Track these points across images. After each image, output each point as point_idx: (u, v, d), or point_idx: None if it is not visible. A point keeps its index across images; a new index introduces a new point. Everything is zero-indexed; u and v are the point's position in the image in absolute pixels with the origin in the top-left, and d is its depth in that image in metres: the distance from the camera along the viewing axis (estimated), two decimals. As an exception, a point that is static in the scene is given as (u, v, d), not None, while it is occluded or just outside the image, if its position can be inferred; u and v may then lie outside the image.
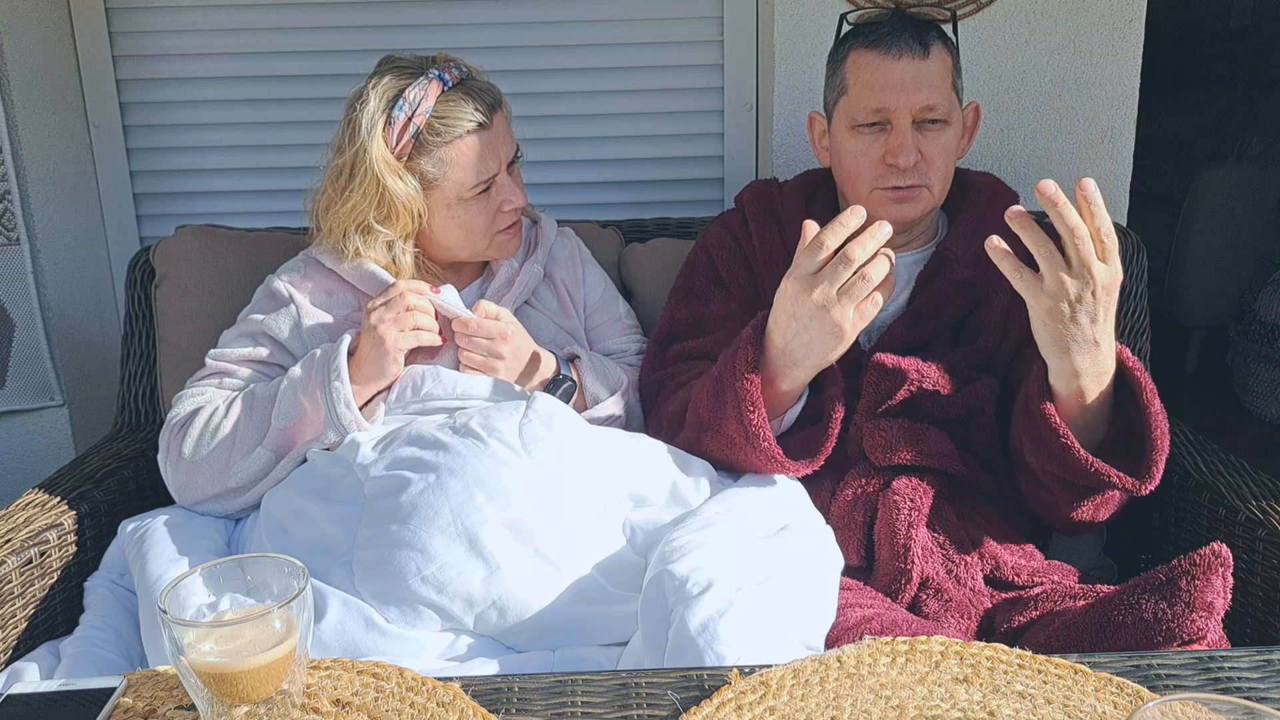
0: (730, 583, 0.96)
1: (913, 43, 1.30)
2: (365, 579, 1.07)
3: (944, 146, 1.34)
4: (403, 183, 1.32)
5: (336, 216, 1.36)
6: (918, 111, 1.31)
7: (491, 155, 1.35)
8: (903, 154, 1.31)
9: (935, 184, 1.35)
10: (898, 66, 1.30)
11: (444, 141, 1.32)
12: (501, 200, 1.39)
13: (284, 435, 1.28)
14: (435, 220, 1.38)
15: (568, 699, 0.82)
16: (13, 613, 1.19)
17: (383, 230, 1.35)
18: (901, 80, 1.30)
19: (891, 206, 1.35)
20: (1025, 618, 1.14)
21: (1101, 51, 1.82)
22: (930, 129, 1.32)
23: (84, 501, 1.35)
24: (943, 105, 1.32)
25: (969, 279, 1.36)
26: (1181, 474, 1.36)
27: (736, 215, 1.52)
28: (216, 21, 1.91)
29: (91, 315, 1.97)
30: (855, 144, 1.35)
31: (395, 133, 1.31)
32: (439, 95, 1.32)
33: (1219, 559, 1.01)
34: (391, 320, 1.27)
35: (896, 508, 1.22)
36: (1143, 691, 0.81)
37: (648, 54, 1.95)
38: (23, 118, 1.78)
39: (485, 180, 1.36)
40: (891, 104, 1.30)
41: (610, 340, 1.55)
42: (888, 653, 0.86)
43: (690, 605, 0.93)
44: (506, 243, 1.44)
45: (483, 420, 1.16)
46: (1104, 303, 1.07)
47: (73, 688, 0.85)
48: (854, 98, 1.34)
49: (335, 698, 0.81)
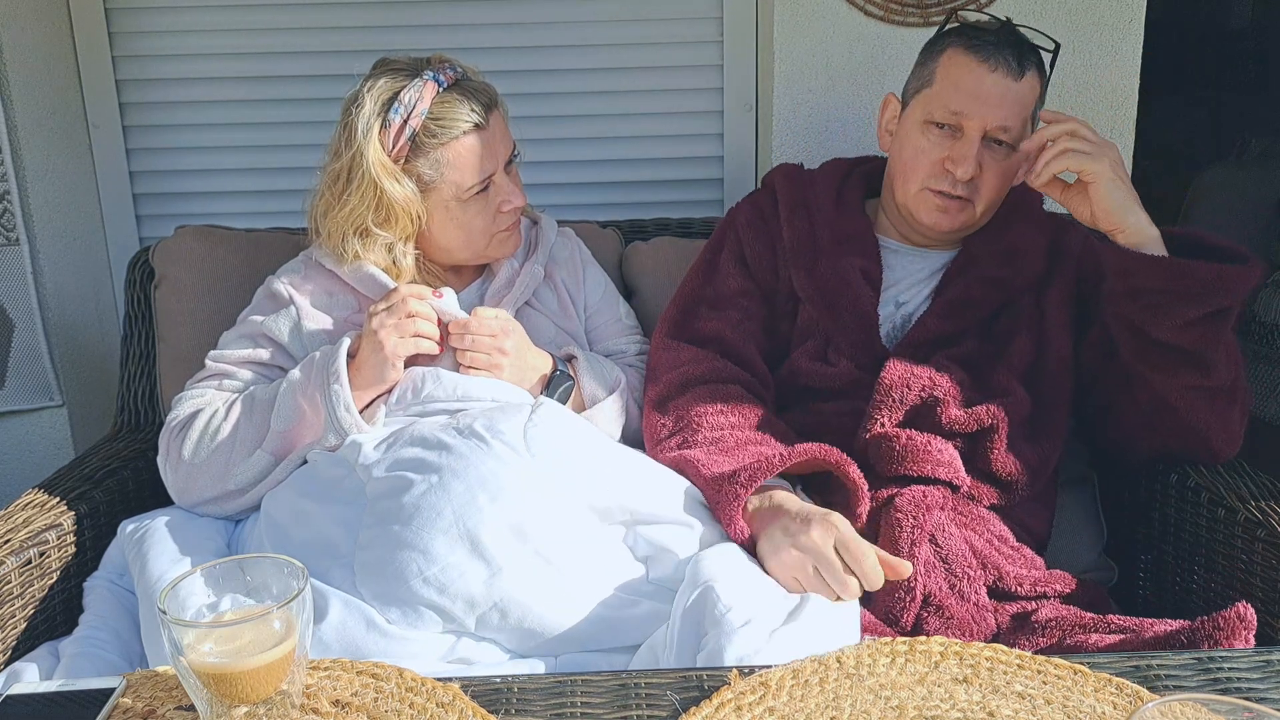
0: (768, 622, 0.97)
1: (1011, 59, 1.29)
2: (366, 580, 1.06)
3: (1003, 169, 1.34)
4: (400, 186, 1.32)
5: (335, 220, 1.36)
6: (992, 128, 1.30)
7: (489, 155, 1.35)
8: (963, 164, 1.30)
9: (981, 203, 1.35)
10: (990, 78, 1.29)
11: (440, 143, 1.32)
12: (500, 200, 1.38)
13: (283, 438, 1.28)
14: (434, 222, 1.38)
15: (567, 699, 0.82)
16: (12, 613, 1.19)
17: (381, 233, 1.35)
18: (989, 93, 1.29)
19: (933, 212, 1.35)
20: (1032, 644, 1.14)
21: (1101, 51, 1.82)
22: (996, 149, 1.32)
23: (83, 502, 1.35)
24: (1016, 129, 1.32)
25: (996, 277, 1.37)
26: (1181, 474, 1.36)
27: (767, 196, 1.52)
28: (216, 22, 1.91)
29: (91, 315, 1.97)
30: (921, 140, 1.34)
31: (391, 135, 1.31)
32: (434, 96, 1.32)
33: (1243, 622, 1.01)
34: (392, 326, 1.27)
35: (899, 525, 1.20)
36: (1142, 692, 0.81)
37: (647, 54, 1.95)
38: (23, 118, 1.78)
39: (483, 180, 1.36)
40: (971, 111, 1.30)
41: (610, 341, 1.55)
42: (887, 653, 0.86)
43: (730, 637, 0.94)
44: (505, 241, 1.43)
45: (486, 421, 1.16)
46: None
47: (72, 688, 0.85)
48: (936, 94, 1.33)
49: (335, 698, 0.81)
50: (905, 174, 1.37)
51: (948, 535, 1.22)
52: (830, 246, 1.41)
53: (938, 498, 1.24)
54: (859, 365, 1.35)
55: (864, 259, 1.40)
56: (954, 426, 1.27)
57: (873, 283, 1.39)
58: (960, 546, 1.21)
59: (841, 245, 1.41)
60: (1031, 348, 1.36)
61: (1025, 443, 1.30)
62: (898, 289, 1.43)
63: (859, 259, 1.40)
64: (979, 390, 1.31)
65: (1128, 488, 1.47)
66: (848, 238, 1.42)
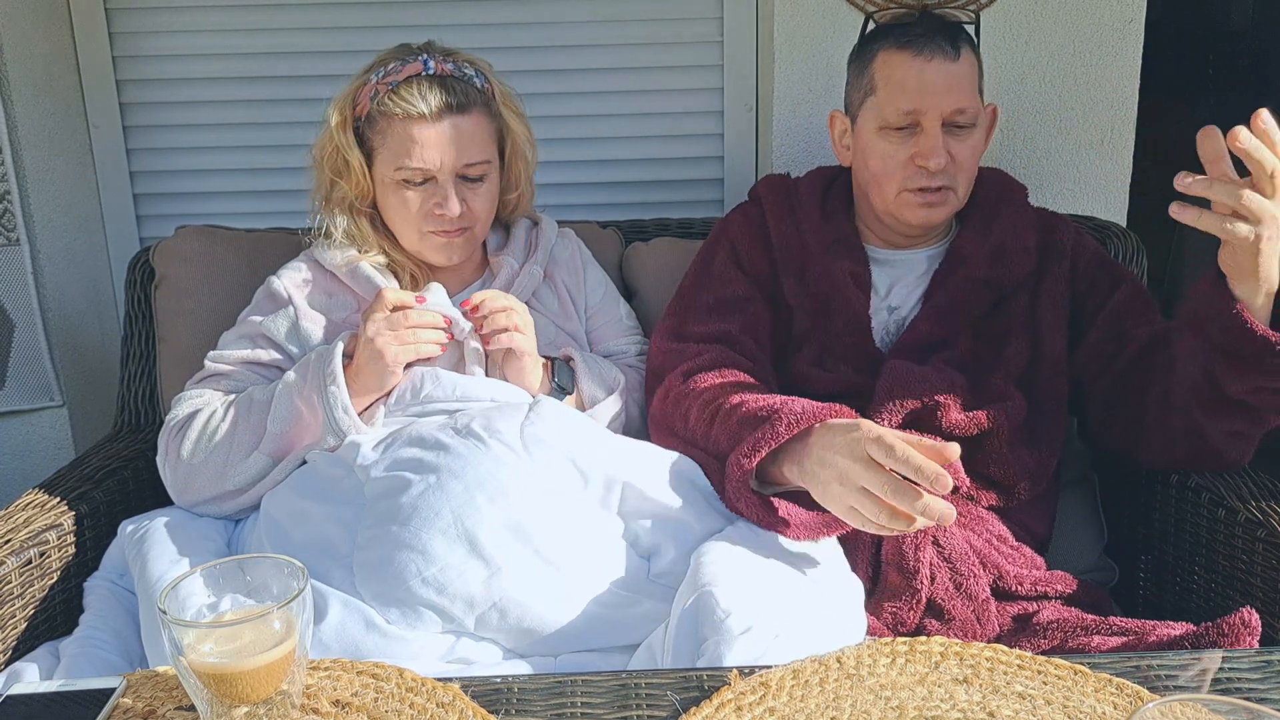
0: (768, 629, 0.96)
1: (945, 45, 1.30)
2: (366, 580, 1.06)
3: (971, 149, 1.34)
4: (345, 136, 1.37)
5: (316, 164, 1.42)
6: (949, 114, 1.31)
7: (433, 151, 1.34)
8: (934, 156, 1.30)
9: (961, 186, 1.35)
10: (930, 68, 1.29)
11: (386, 115, 1.35)
12: (434, 202, 1.37)
13: (280, 439, 1.28)
14: (379, 194, 1.41)
15: (567, 699, 0.82)
16: (12, 613, 1.19)
17: (341, 184, 1.39)
18: (934, 82, 1.29)
19: (919, 210, 1.35)
20: (1034, 647, 1.13)
21: (1101, 51, 1.82)
22: (959, 132, 1.33)
23: (84, 502, 1.35)
24: (972, 108, 1.32)
25: (986, 277, 1.36)
26: (1181, 474, 1.36)
27: (755, 207, 1.52)
28: (216, 22, 1.91)
29: (91, 315, 1.97)
30: (883, 145, 1.34)
31: (363, 93, 1.37)
32: (412, 76, 1.34)
33: (1248, 628, 1.01)
34: (391, 336, 1.27)
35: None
36: (1143, 692, 0.81)
37: (647, 54, 1.95)
38: (23, 118, 1.78)
39: (414, 170, 1.35)
40: (924, 106, 1.30)
41: (611, 341, 1.55)
42: (887, 653, 0.86)
43: (730, 644, 0.93)
44: (440, 248, 1.40)
45: (484, 421, 1.16)
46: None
47: (72, 688, 0.85)
48: (884, 99, 1.33)
49: (335, 698, 0.81)
50: (879, 182, 1.36)
51: (949, 535, 1.22)
52: (819, 252, 1.41)
53: None
54: (856, 370, 1.34)
55: (852, 263, 1.40)
56: (954, 430, 1.27)
57: (862, 286, 1.39)
58: (963, 547, 1.22)
59: (829, 251, 1.41)
60: (1026, 349, 1.35)
61: (1024, 447, 1.30)
62: (889, 293, 1.42)
63: (847, 263, 1.40)
64: (976, 394, 1.30)
65: (1128, 488, 1.47)
66: (834, 242, 1.42)
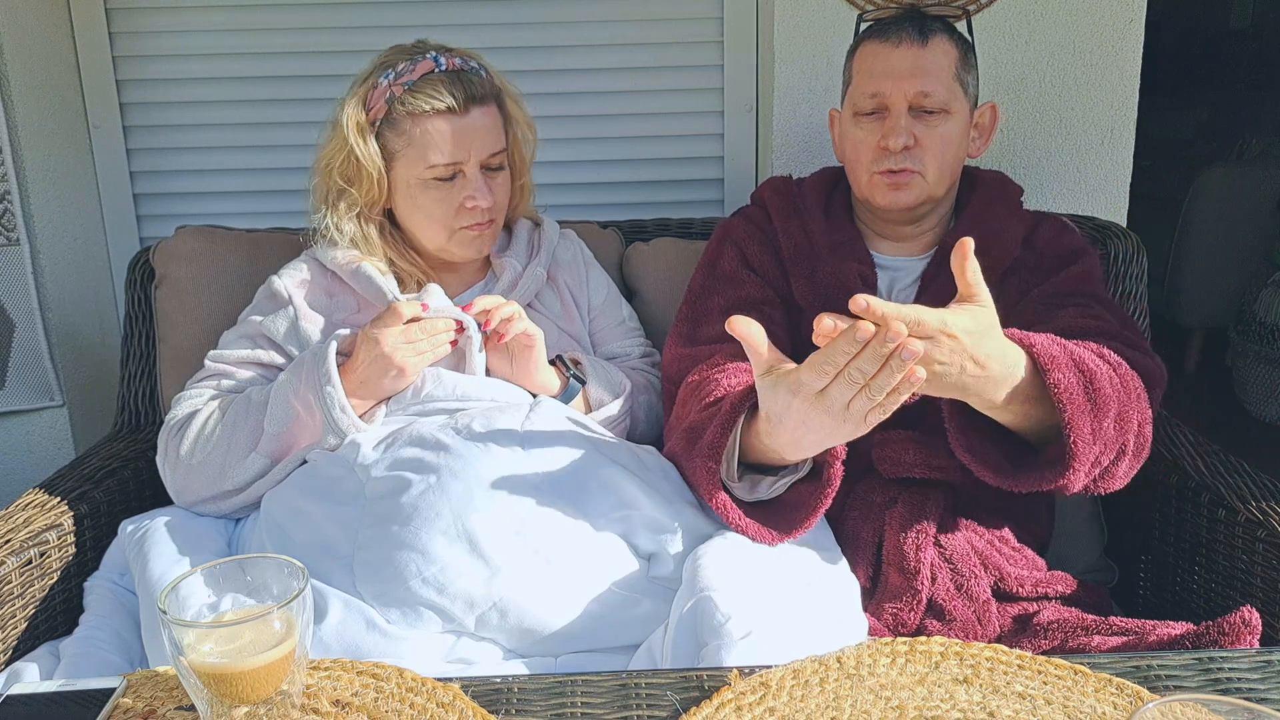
0: (769, 634, 0.96)
1: (913, 32, 1.32)
2: (366, 580, 1.06)
3: (941, 136, 1.34)
4: (365, 143, 1.34)
5: (319, 172, 1.39)
6: (913, 98, 1.32)
7: (460, 144, 1.33)
8: (893, 137, 1.32)
9: (929, 171, 1.34)
10: (896, 53, 1.32)
11: (409, 114, 1.33)
12: (465, 196, 1.36)
13: (278, 440, 1.27)
14: (398, 198, 1.39)
15: (567, 699, 0.82)
16: (12, 613, 1.19)
17: (350, 190, 1.37)
18: (898, 66, 1.32)
19: (887, 192, 1.36)
20: (1035, 647, 1.13)
21: (1101, 51, 1.82)
22: (929, 118, 1.33)
23: (84, 502, 1.35)
24: (940, 94, 1.32)
25: None
26: (1181, 475, 1.36)
27: (758, 210, 1.52)
28: (216, 22, 1.91)
29: (91, 315, 1.97)
30: (856, 131, 1.37)
31: (374, 96, 1.34)
32: (426, 74, 1.33)
33: (1248, 627, 1.01)
34: (409, 349, 1.26)
35: (904, 529, 1.20)
36: (1143, 692, 0.81)
37: (648, 54, 1.95)
38: (23, 118, 1.78)
39: (445, 166, 1.34)
40: (887, 89, 1.32)
41: (614, 343, 1.54)
42: (887, 653, 0.86)
43: (730, 649, 0.93)
44: (470, 242, 1.40)
45: (485, 421, 1.16)
46: (958, 347, 0.97)
47: (72, 688, 0.85)
48: (856, 87, 1.37)
49: (335, 698, 0.81)
50: (853, 168, 1.39)
51: (951, 536, 1.22)
52: (827, 253, 1.41)
53: (939, 499, 1.24)
54: None
55: (860, 264, 1.40)
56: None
57: (869, 287, 1.39)
58: (964, 547, 1.22)
59: (837, 251, 1.41)
60: None
61: None
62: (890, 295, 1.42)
63: (855, 263, 1.40)
64: None
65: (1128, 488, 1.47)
66: (841, 243, 1.42)
